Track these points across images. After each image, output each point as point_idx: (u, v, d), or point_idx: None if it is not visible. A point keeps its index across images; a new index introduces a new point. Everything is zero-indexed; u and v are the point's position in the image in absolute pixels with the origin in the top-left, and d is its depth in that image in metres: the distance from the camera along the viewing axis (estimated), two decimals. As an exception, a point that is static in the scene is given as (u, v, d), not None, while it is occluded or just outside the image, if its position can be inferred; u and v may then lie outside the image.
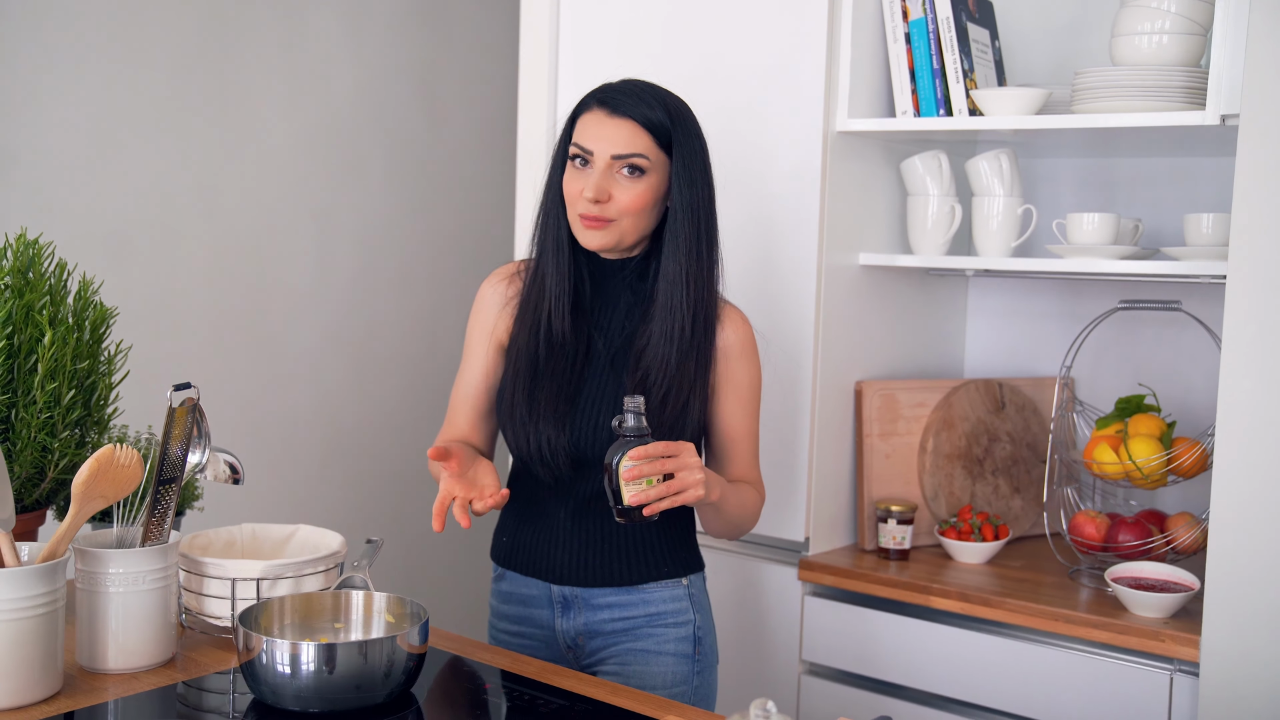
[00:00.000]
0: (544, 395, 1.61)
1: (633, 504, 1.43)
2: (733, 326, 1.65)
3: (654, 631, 1.66)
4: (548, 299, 1.63)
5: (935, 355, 2.48)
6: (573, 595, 1.66)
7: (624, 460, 1.43)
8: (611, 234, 1.58)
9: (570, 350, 1.62)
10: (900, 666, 2.06)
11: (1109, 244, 2.03)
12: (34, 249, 1.57)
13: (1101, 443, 2.04)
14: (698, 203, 1.59)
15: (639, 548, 1.66)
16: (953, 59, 2.08)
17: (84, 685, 1.38)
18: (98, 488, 1.34)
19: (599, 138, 1.56)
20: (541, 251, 1.65)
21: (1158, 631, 1.81)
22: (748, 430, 1.68)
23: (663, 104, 1.58)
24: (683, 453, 1.46)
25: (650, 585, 1.66)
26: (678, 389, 1.59)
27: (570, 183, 1.60)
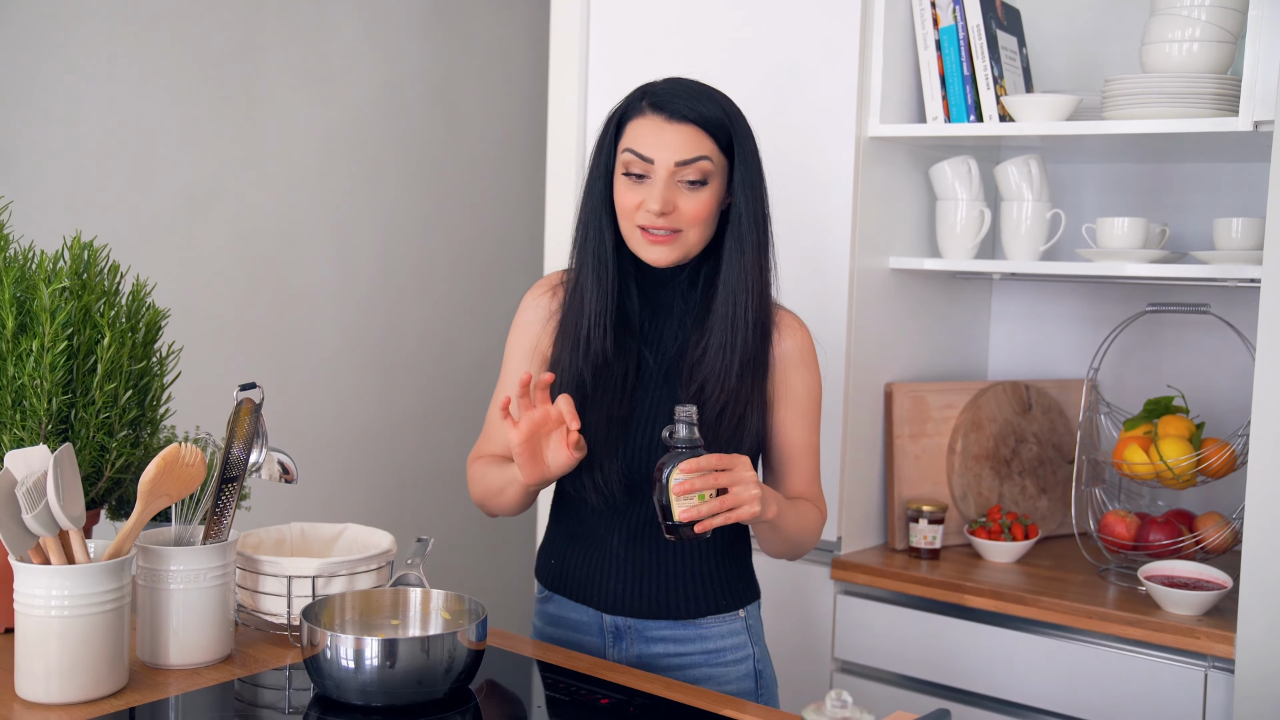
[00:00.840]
0: (594, 418, 1.52)
1: (683, 520, 1.35)
2: (791, 334, 1.57)
3: (713, 671, 1.58)
4: (587, 317, 1.53)
5: (960, 358, 2.50)
6: (625, 625, 1.58)
7: (674, 473, 1.35)
8: (678, 248, 1.49)
9: (618, 368, 1.53)
10: (933, 664, 2.09)
11: (1139, 248, 2.06)
12: (89, 251, 1.59)
13: (1131, 443, 2.07)
14: (759, 206, 1.51)
15: (696, 578, 1.57)
16: (983, 65, 2.11)
17: (146, 681, 1.40)
18: (163, 486, 1.37)
19: (659, 145, 1.46)
20: (581, 266, 1.55)
21: (1193, 629, 1.83)
22: (807, 444, 1.58)
23: (718, 103, 1.50)
24: (737, 466, 1.37)
25: (707, 620, 1.57)
26: (734, 401, 1.50)
27: (625, 194, 1.49)
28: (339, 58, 2.94)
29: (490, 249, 3.36)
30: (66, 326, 1.49)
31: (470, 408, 3.33)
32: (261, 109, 2.78)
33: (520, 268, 3.40)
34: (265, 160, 2.80)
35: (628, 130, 1.50)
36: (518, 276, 3.39)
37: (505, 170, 3.37)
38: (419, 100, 3.14)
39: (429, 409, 3.23)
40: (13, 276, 1.48)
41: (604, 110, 2.39)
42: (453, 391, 3.29)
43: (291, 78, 2.83)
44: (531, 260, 3.36)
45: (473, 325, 3.33)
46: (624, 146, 1.49)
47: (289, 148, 2.85)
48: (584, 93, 2.45)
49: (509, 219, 3.39)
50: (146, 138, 2.57)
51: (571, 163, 2.45)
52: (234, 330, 2.76)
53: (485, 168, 3.33)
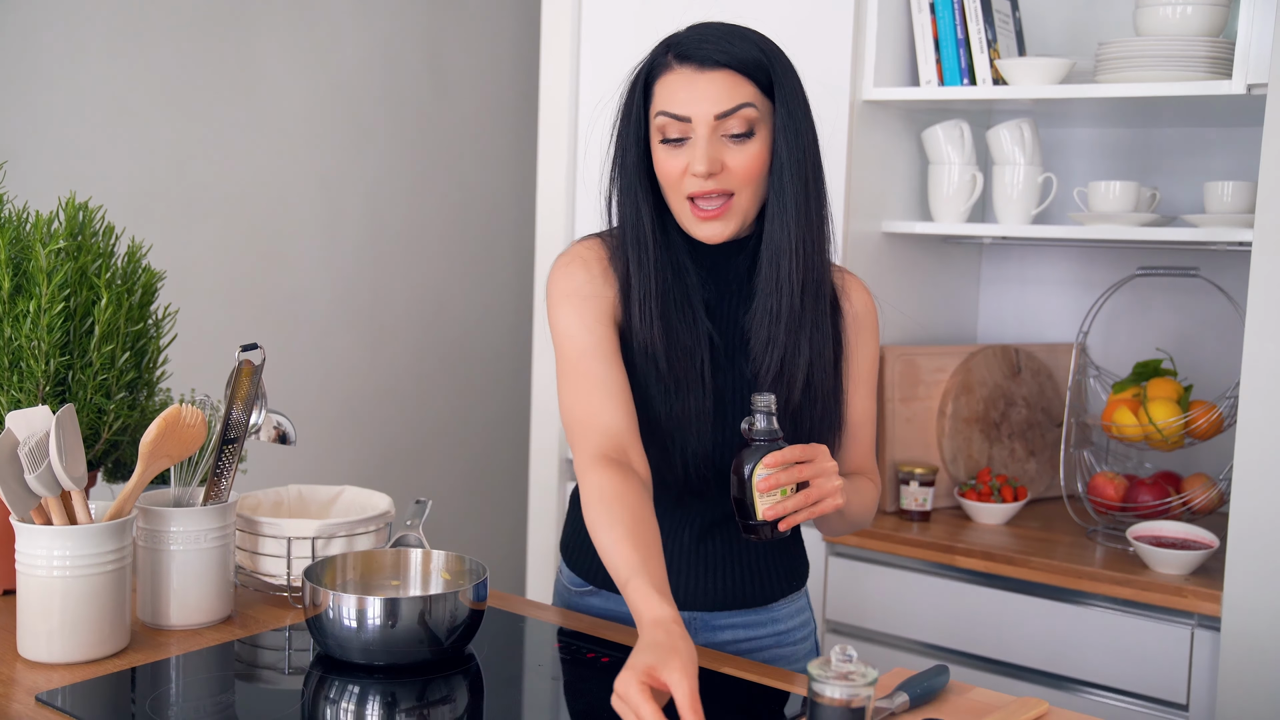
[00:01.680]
0: (681, 411, 1.37)
1: (768, 518, 1.25)
2: (859, 297, 1.45)
3: (783, 652, 1.51)
4: (636, 302, 1.36)
5: (950, 322, 2.52)
6: (690, 618, 1.48)
7: (759, 468, 1.24)
8: (732, 219, 1.33)
9: (694, 351, 1.37)
10: (924, 624, 2.11)
11: (1130, 211, 2.07)
12: (85, 212, 1.58)
13: (1120, 406, 2.09)
14: (805, 155, 1.33)
15: (768, 563, 1.48)
16: (977, 29, 2.11)
17: (148, 641, 1.41)
18: (164, 447, 1.37)
19: (694, 99, 1.28)
20: (623, 248, 1.37)
21: (1180, 587, 1.86)
22: (867, 414, 1.46)
23: (753, 42, 1.32)
24: (818, 456, 1.26)
25: (778, 603, 1.50)
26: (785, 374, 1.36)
27: (667, 162, 1.32)
28: (329, 22, 2.91)
29: (480, 214, 3.36)
30: (64, 288, 1.49)
31: (460, 371, 3.33)
32: (251, 74, 2.76)
33: (510, 232, 3.39)
34: (255, 125, 2.78)
35: (656, 90, 1.33)
36: (507, 241, 3.39)
37: (495, 135, 3.36)
38: (408, 65, 3.12)
39: (419, 373, 3.23)
40: (7, 237, 1.47)
41: (595, 76, 2.40)
42: (443, 355, 3.29)
43: (281, 43, 2.81)
44: (521, 225, 3.36)
45: (462, 290, 3.32)
46: (656, 110, 1.33)
47: (279, 113, 2.83)
48: (576, 60, 2.44)
49: (498, 184, 3.38)
50: (137, 102, 2.54)
51: (563, 127, 2.44)
52: (225, 295, 2.76)
53: (475, 132, 3.32)
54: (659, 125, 1.33)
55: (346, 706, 1.27)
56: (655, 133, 1.34)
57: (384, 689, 1.29)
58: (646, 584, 1.17)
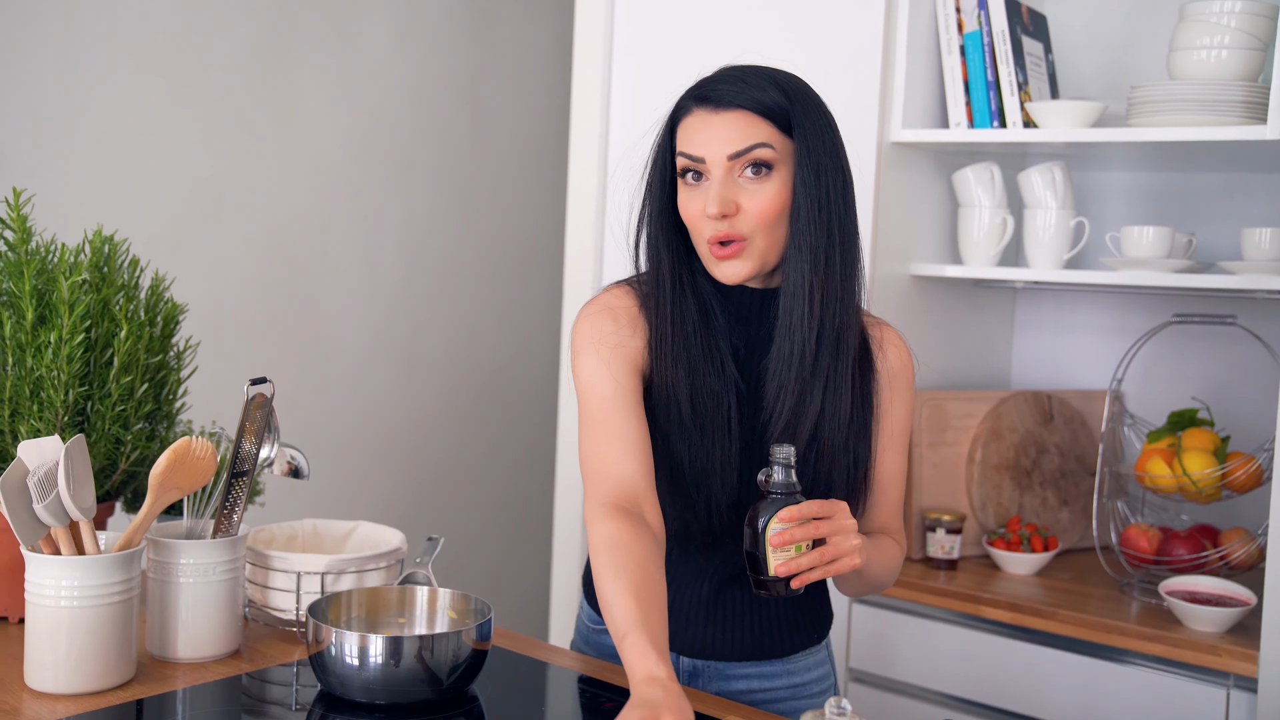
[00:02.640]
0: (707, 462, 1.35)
1: (780, 574, 1.22)
2: (897, 352, 1.41)
3: (799, 705, 1.47)
4: (654, 345, 1.35)
5: (982, 367, 2.48)
6: (704, 666, 1.46)
7: (773, 522, 1.22)
8: (750, 259, 1.30)
9: (723, 399, 1.35)
10: (948, 676, 2.06)
11: (1164, 257, 2.03)
12: (110, 245, 1.60)
13: (1154, 456, 2.04)
14: (826, 196, 1.29)
15: (789, 615, 1.45)
16: (1007, 71, 2.09)
17: (154, 673, 1.41)
18: (173, 479, 1.37)
19: (708, 140, 1.29)
20: (651, 289, 1.36)
21: (1215, 646, 1.80)
22: (896, 472, 1.42)
23: (774, 82, 1.30)
24: (837, 514, 1.23)
25: (796, 655, 1.47)
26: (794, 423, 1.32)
27: (688, 204, 1.32)
28: (368, 61, 2.96)
29: (517, 252, 3.37)
30: (85, 319, 1.51)
31: (494, 409, 3.33)
32: (291, 111, 2.80)
33: (546, 270, 3.40)
34: (294, 162, 2.82)
35: (679, 132, 1.34)
36: (544, 279, 3.40)
37: (532, 173, 3.38)
38: (447, 103, 3.16)
39: (453, 410, 3.24)
40: (33, 269, 1.50)
41: (625, 121, 2.41)
42: (477, 393, 3.30)
43: (321, 80, 2.85)
44: (557, 262, 3.37)
45: (498, 327, 3.33)
46: (677, 152, 1.33)
47: (318, 149, 2.87)
48: (606, 102, 2.45)
49: (536, 222, 3.39)
50: (178, 138, 2.59)
51: (593, 172, 2.45)
52: (261, 329, 2.78)
53: (513, 171, 3.34)
54: (680, 166, 1.34)
55: (346, 746, 1.26)
56: (680, 173, 1.34)
57: (383, 728, 1.28)
58: (644, 640, 1.15)
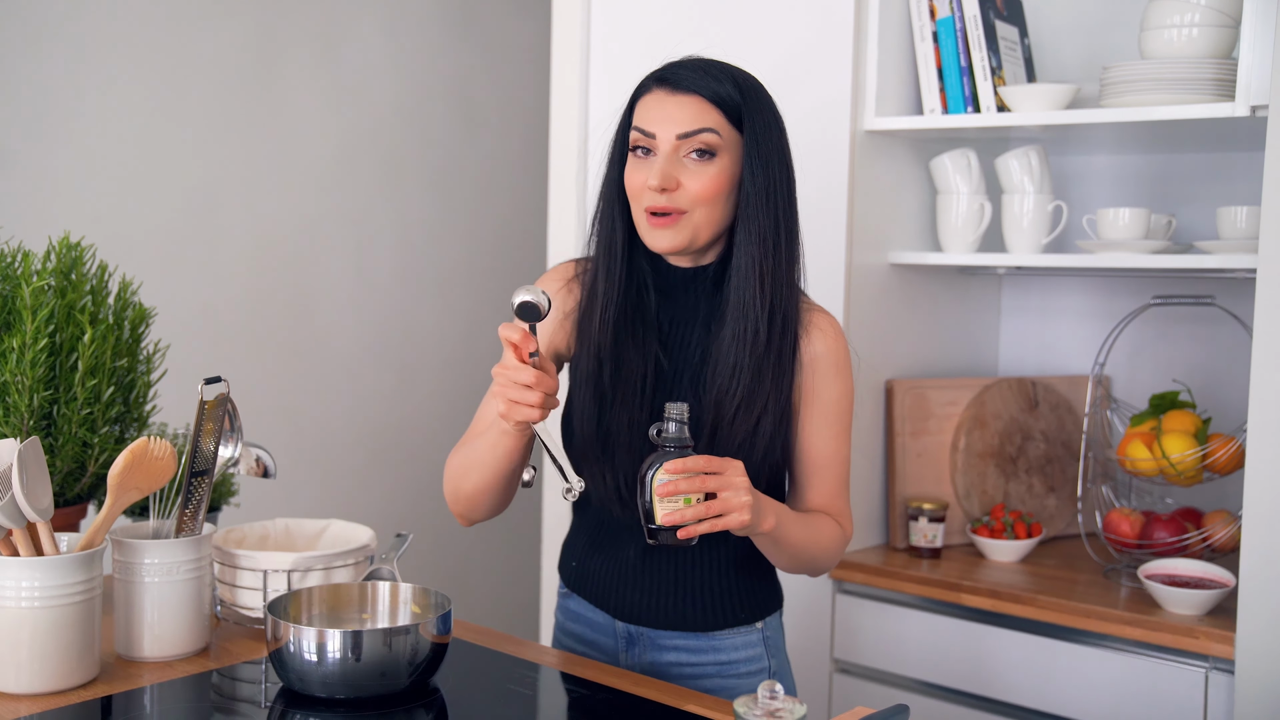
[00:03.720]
0: (615, 422, 1.43)
1: (665, 524, 1.26)
2: (822, 338, 1.45)
3: (726, 683, 1.51)
4: (599, 310, 1.44)
5: (969, 354, 2.47)
6: (638, 633, 1.53)
7: (659, 473, 1.26)
8: (683, 231, 1.39)
9: (636, 369, 1.44)
10: (932, 664, 2.06)
11: (1140, 239, 2.01)
12: (76, 251, 1.62)
13: (1135, 440, 2.03)
14: (774, 186, 1.39)
15: (714, 591, 1.50)
16: (980, 56, 2.08)
17: (120, 672, 1.42)
18: (132, 479, 1.38)
19: (661, 118, 1.38)
20: (596, 258, 1.47)
21: (1192, 629, 1.79)
22: (833, 454, 1.46)
23: (730, 77, 1.40)
24: (729, 470, 1.28)
25: (722, 632, 1.51)
26: (750, 401, 1.39)
27: (633, 174, 1.41)
28: (357, 64, 2.97)
29: (509, 254, 3.38)
30: (49, 324, 1.52)
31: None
32: (281, 116, 2.82)
33: (539, 271, 3.40)
34: (285, 166, 2.84)
35: (636, 109, 1.43)
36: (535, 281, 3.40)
37: (522, 172, 3.39)
38: (437, 105, 3.17)
39: (445, 412, 3.25)
40: (-5, 275, 1.51)
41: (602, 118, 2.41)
42: (470, 394, 3.30)
43: (310, 84, 2.87)
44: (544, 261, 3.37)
45: (490, 329, 3.34)
46: (633, 125, 1.42)
47: (309, 152, 2.88)
48: (585, 95, 2.45)
49: (527, 223, 3.40)
50: (165, 144, 2.61)
51: (572, 166, 2.45)
52: (252, 333, 2.80)
53: (502, 170, 3.35)
54: (632, 140, 1.42)
55: (304, 741, 1.27)
56: (630, 147, 1.43)
57: (341, 722, 1.29)
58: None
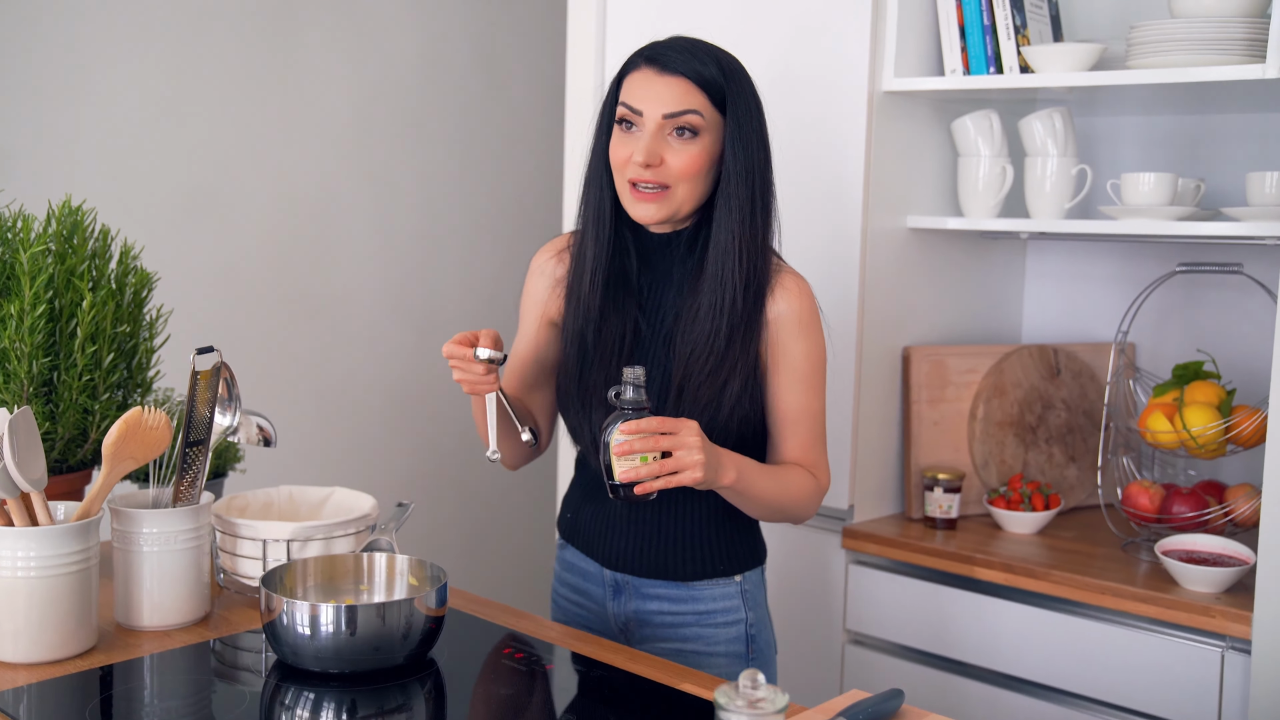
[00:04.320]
0: (592, 381, 1.53)
1: (623, 481, 1.35)
2: (786, 297, 1.51)
3: (703, 631, 1.59)
4: (586, 274, 1.53)
5: (991, 320, 2.41)
6: (624, 581, 1.61)
7: (616, 434, 1.34)
8: (666, 205, 1.47)
9: (615, 329, 1.53)
10: (946, 638, 2.03)
11: (1166, 204, 1.95)
12: (76, 215, 1.60)
13: (1156, 411, 1.97)
14: (753, 165, 1.47)
15: (692, 542, 1.58)
16: (1004, 15, 2.01)
17: (120, 641, 1.42)
18: (127, 449, 1.38)
19: (648, 97, 1.45)
20: (583, 224, 1.55)
21: (1208, 607, 1.75)
22: (804, 409, 1.53)
23: (715, 60, 1.47)
24: (682, 430, 1.36)
25: (700, 583, 1.59)
26: (721, 365, 1.48)
27: (618, 148, 1.48)
28: (378, 18, 2.93)
29: (530, 209, 3.34)
30: (48, 289, 1.51)
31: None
32: (302, 72, 2.79)
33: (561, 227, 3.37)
34: (303, 123, 2.81)
35: (624, 85, 1.50)
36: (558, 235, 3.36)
37: (545, 130, 3.34)
38: (459, 61, 3.12)
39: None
40: (-7, 242, 1.50)
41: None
42: (490, 354, 3.29)
43: (328, 39, 2.83)
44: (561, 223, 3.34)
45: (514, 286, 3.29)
46: (620, 100, 1.49)
47: (329, 110, 2.86)
48: (602, 54, 2.40)
49: (549, 179, 3.36)
50: (183, 101, 2.59)
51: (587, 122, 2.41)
52: (272, 292, 2.79)
53: (525, 128, 3.31)
54: (619, 113, 1.49)
55: (301, 714, 1.26)
56: (616, 120, 1.49)
57: (341, 696, 1.28)
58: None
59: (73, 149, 2.44)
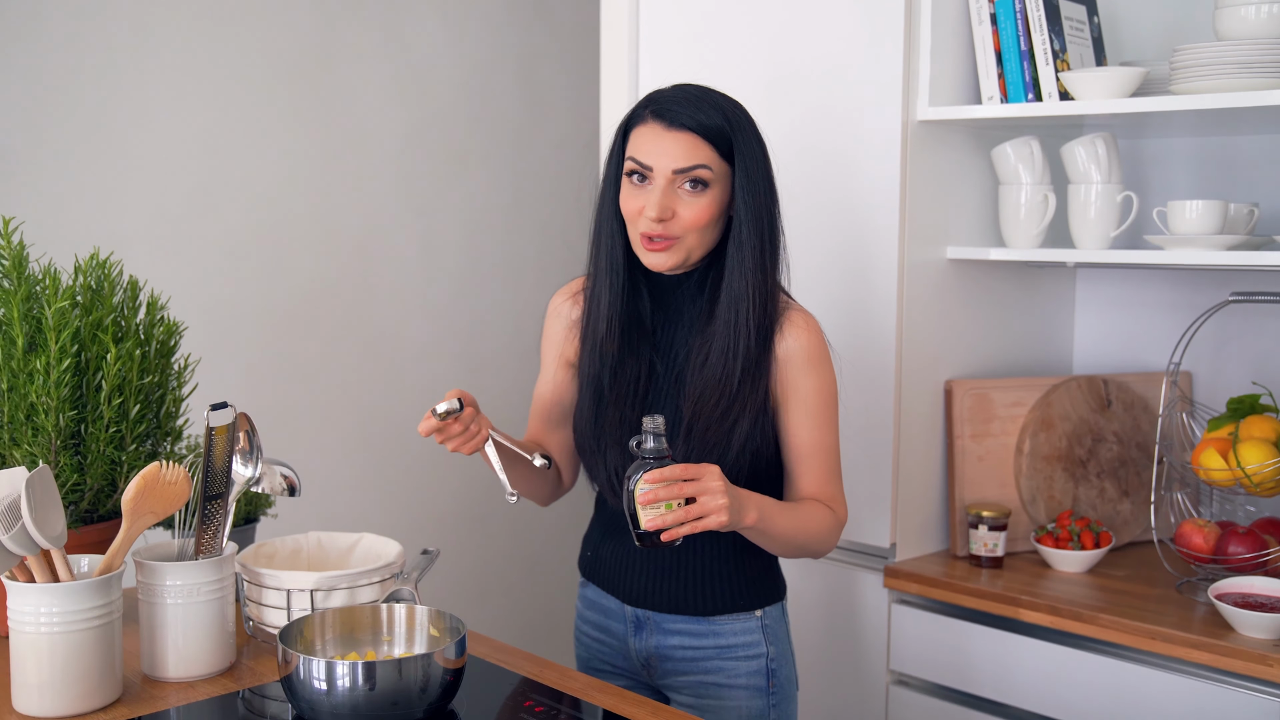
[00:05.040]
0: (608, 423, 1.57)
1: (649, 529, 1.37)
2: (794, 333, 1.54)
3: (724, 665, 1.61)
4: (602, 320, 1.58)
5: (1040, 350, 2.35)
6: (645, 617, 1.64)
7: (640, 483, 1.37)
8: (677, 254, 1.51)
9: (631, 371, 1.57)
10: (990, 680, 1.97)
11: (1215, 233, 1.88)
12: (104, 268, 1.62)
13: (1210, 447, 1.90)
14: (761, 212, 1.51)
15: (712, 578, 1.60)
16: (1041, 39, 1.96)
17: (145, 693, 1.43)
18: (146, 504, 1.38)
19: (658, 152, 1.48)
20: (596, 272, 1.59)
21: (1265, 655, 1.67)
22: (818, 444, 1.56)
23: (720, 110, 1.50)
24: (705, 475, 1.38)
25: (721, 618, 1.61)
26: (732, 406, 1.51)
27: (629, 200, 1.52)
28: (420, 51, 2.95)
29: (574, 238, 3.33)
30: (74, 343, 1.53)
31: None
32: (345, 106, 2.81)
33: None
34: (349, 157, 2.83)
35: (632, 137, 1.53)
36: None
37: (590, 161, 3.33)
38: (500, 91, 3.13)
39: (517, 402, 3.22)
40: (21, 296, 1.52)
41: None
42: (535, 385, 3.28)
43: (374, 73, 2.86)
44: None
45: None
46: (628, 154, 1.52)
47: (373, 143, 2.88)
48: (635, 87, 2.39)
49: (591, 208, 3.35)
50: (227, 138, 2.63)
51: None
52: (318, 328, 2.81)
53: (567, 156, 3.30)
54: (628, 167, 1.52)
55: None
56: (625, 172, 1.53)
57: (348, 754, 1.27)
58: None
59: (113, 186, 2.47)
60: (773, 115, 2.07)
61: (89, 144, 2.44)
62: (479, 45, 3.07)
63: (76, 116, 2.41)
